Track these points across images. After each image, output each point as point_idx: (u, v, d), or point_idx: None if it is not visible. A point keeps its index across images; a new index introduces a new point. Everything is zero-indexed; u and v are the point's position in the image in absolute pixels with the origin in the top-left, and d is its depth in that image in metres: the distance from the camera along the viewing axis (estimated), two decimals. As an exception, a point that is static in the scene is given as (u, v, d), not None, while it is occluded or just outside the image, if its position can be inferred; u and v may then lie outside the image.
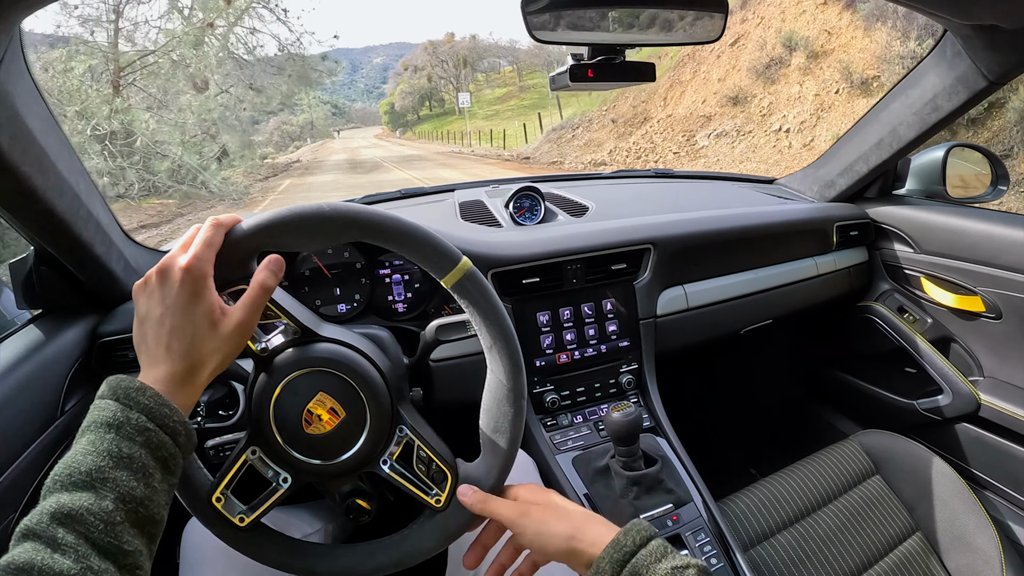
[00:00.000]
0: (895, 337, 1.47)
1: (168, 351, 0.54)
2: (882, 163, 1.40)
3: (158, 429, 0.50)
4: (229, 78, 22.50)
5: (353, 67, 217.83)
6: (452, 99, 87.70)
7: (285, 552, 0.66)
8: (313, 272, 1.11)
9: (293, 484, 0.65)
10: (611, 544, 0.55)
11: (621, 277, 1.19)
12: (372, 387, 0.65)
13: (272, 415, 0.63)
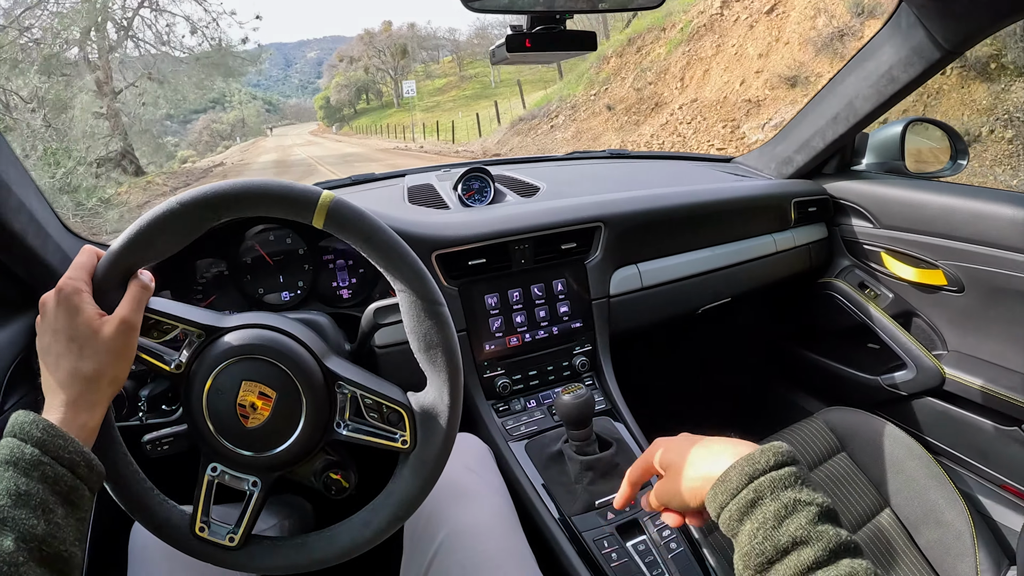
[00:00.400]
0: (857, 313, 1.46)
1: (59, 377, 0.54)
2: (839, 138, 1.40)
3: (53, 462, 0.48)
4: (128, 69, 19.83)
5: (287, 62, 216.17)
6: (390, 91, 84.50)
7: (287, 553, 0.65)
8: (255, 260, 1.08)
9: (263, 485, 0.64)
10: (746, 457, 0.54)
11: (571, 257, 1.17)
12: (290, 357, 0.63)
13: (211, 425, 0.61)
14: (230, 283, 1.08)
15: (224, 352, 0.61)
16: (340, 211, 0.61)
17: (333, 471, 0.69)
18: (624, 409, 1.15)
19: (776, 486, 0.51)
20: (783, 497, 0.50)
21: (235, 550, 0.63)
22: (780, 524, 0.49)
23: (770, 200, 1.41)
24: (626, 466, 1.03)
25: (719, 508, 0.54)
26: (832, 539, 0.48)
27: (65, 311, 0.55)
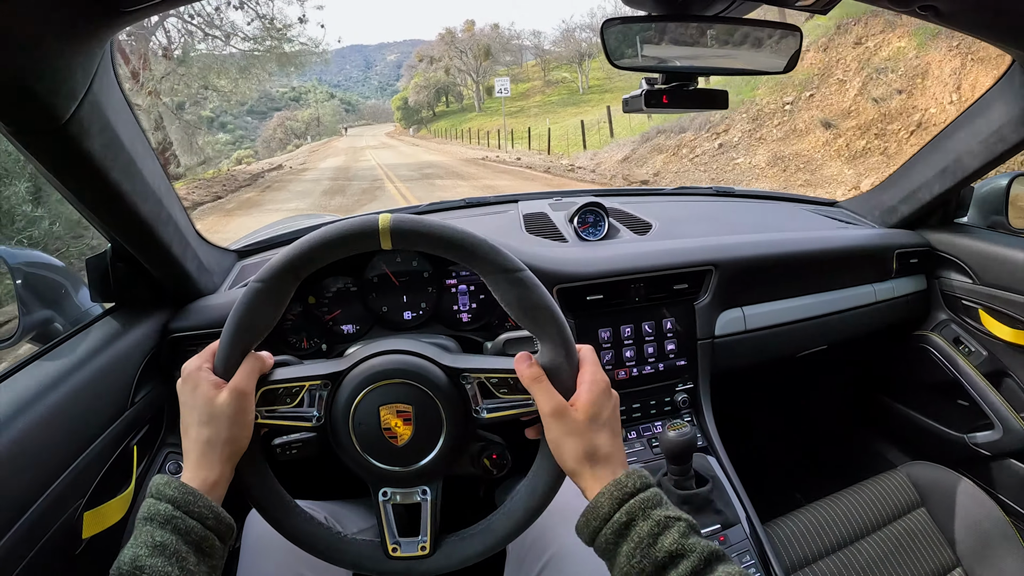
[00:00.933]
0: (949, 368, 1.52)
1: (187, 443, 0.65)
2: (945, 191, 1.46)
3: (184, 516, 0.59)
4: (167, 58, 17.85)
5: (367, 64, 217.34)
6: (471, 94, 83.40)
7: (474, 542, 0.72)
8: (381, 279, 1.19)
9: (432, 490, 0.73)
10: (613, 483, 0.60)
11: (682, 297, 1.26)
12: (411, 370, 0.70)
13: (369, 457, 0.70)
14: (356, 299, 1.20)
15: (354, 389, 0.70)
16: (401, 227, 0.66)
17: (488, 454, 0.76)
18: (720, 447, 1.24)
19: (646, 506, 0.57)
20: (654, 516, 0.57)
21: (430, 556, 0.72)
22: (655, 541, 0.56)
23: (874, 250, 1.48)
24: (720, 502, 1.13)
25: (593, 534, 0.60)
26: (705, 549, 0.55)
27: (190, 387, 0.66)
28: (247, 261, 1.39)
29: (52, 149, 0.75)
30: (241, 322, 0.67)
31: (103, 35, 0.69)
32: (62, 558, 0.83)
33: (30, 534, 0.73)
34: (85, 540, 0.87)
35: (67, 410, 0.84)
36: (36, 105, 0.66)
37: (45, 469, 0.78)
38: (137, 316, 1.09)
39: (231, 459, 0.66)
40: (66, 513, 0.81)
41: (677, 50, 0.92)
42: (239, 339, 0.68)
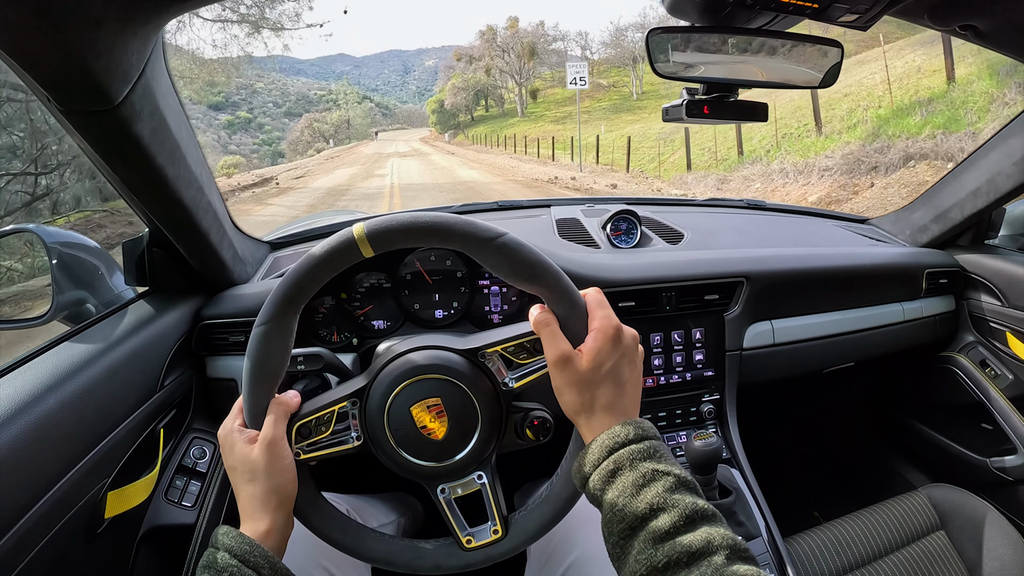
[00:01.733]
0: (974, 391, 1.52)
1: (240, 500, 0.68)
2: (977, 212, 1.46)
3: (240, 564, 0.61)
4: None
5: (405, 69, 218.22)
6: (513, 98, 75.93)
7: (541, 514, 0.73)
8: (415, 276, 1.21)
9: (487, 473, 0.74)
10: (607, 432, 0.60)
11: (712, 307, 1.27)
12: (428, 365, 0.71)
13: (416, 460, 0.71)
14: (388, 295, 1.22)
15: (381, 399, 0.71)
16: (375, 232, 0.66)
17: (528, 423, 0.75)
18: (744, 459, 1.24)
19: (635, 457, 0.57)
20: (641, 467, 0.57)
21: (504, 538, 0.73)
22: (638, 492, 0.55)
23: (904, 268, 1.48)
24: (742, 515, 1.14)
25: (583, 480, 0.61)
26: (688, 506, 0.53)
27: (227, 450, 0.69)
28: (280, 253, 1.41)
29: (103, 130, 0.76)
30: (256, 368, 0.69)
31: (159, 20, 0.70)
32: (84, 535, 0.84)
33: (55, 509, 0.74)
34: (107, 519, 0.89)
35: (97, 390, 0.85)
36: (91, 85, 0.67)
37: (73, 447, 0.79)
38: (170, 301, 1.11)
39: (281, 507, 0.68)
40: (91, 492, 0.83)
41: (719, 61, 0.94)
42: (260, 385, 0.69)
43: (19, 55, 0.62)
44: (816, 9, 0.87)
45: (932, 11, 0.91)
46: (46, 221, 6.34)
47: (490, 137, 52.48)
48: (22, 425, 0.71)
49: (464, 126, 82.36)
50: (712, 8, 0.88)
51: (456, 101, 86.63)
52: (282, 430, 0.69)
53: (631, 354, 0.66)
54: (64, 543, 0.78)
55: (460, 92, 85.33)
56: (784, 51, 0.97)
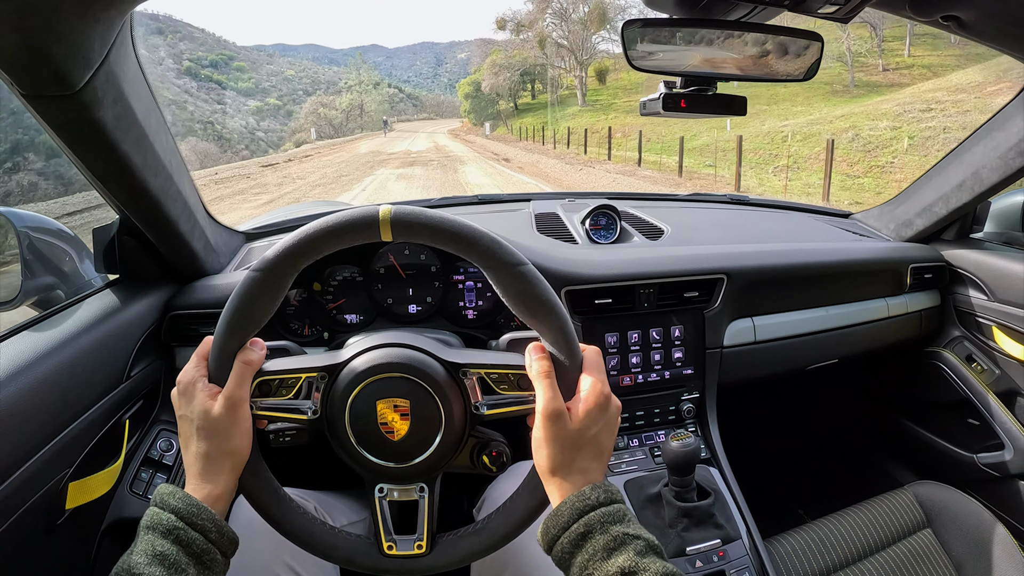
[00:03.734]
0: (961, 387, 1.52)
1: (187, 457, 0.66)
2: (962, 205, 1.47)
3: (187, 527, 0.60)
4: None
5: (437, 61, 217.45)
6: (574, 83, 51.43)
7: (471, 541, 0.72)
8: (388, 270, 1.21)
9: (430, 487, 0.73)
10: (577, 493, 0.61)
11: (692, 304, 1.27)
12: (409, 364, 0.70)
13: (365, 452, 0.70)
14: (361, 289, 1.21)
15: (350, 382, 0.70)
16: (402, 218, 0.66)
17: (486, 451, 0.76)
18: (724, 459, 1.24)
19: (606, 521, 0.58)
20: (612, 531, 0.58)
21: (425, 555, 0.72)
22: (609, 556, 0.56)
23: (888, 264, 1.48)
24: (721, 517, 1.14)
25: (551, 541, 0.61)
26: (658, 571, 0.54)
27: (185, 400, 0.67)
28: (255, 244, 1.40)
29: (64, 116, 0.76)
30: (237, 313, 0.67)
31: (122, 6, 0.70)
32: (43, 526, 0.84)
33: (12, 499, 0.74)
34: (68, 511, 0.88)
35: (61, 378, 0.85)
36: (51, 70, 0.67)
37: (33, 436, 0.79)
38: (140, 290, 1.11)
39: (233, 471, 0.66)
40: (51, 481, 0.82)
41: (697, 54, 0.94)
42: (234, 332, 0.68)
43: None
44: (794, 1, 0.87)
45: (913, 2, 0.91)
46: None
47: (539, 131, 38.41)
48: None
49: (506, 116, 59.99)
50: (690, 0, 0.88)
51: (497, 83, 60.25)
52: (247, 391, 0.67)
53: (612, 424, 0.67)
54: (23, 532, 0.77)
55: (502, 71, 59.74)
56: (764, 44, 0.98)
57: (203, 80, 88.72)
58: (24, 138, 12.34)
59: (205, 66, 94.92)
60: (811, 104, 19.63)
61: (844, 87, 22.17)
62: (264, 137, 65.17)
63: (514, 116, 56.21)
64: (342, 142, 50.49)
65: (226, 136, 60.10)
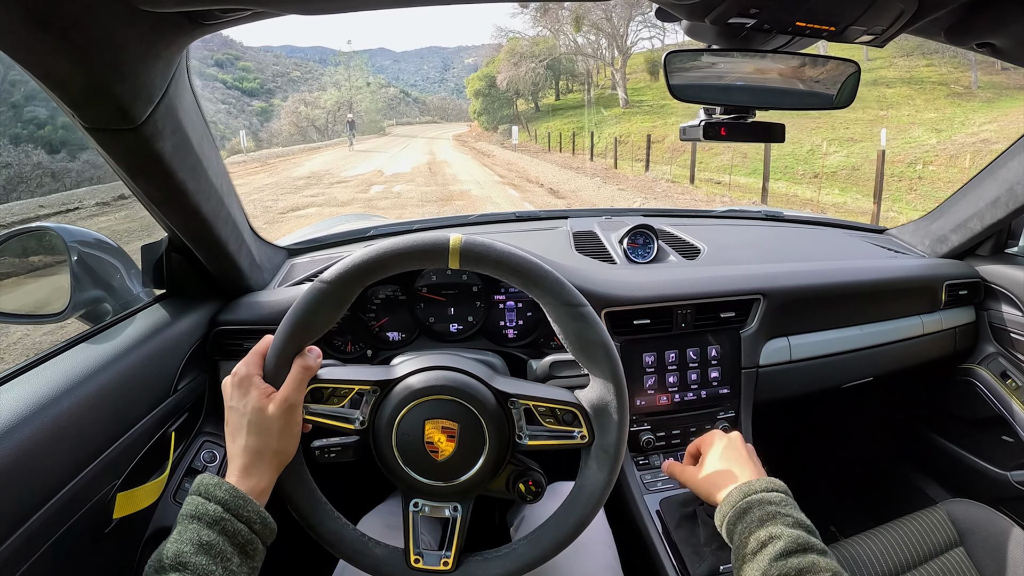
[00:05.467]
0: (995, 403, 1.53)
1: (233, 449, 0.68)
2: (998, 221, 1.47)
3: (233, 518, 0.63)
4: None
5: (444, 66, 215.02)
6: (609, 79, 39.81)
7: (497, 564, 0.75)
8: (431, 289, 1.24)
9: (463, 508, 0.76)
10: (746, 482, 0.77)
11: (728, 325, 1.29)
12: (462, 389, 0.73)
13: (406, 467, 0.73)
14: (404, 308, 1.24)
15: (402, 400, 0.73)
16: (472, 250, 0.69)
17: (524, 479, 0.78)
18: None
19: (764, 501, 0.72)
20: (767, 508, 0.71)
21: (451, 572, 0.74)
22: (762, 525, 0.70)
23: (923, 281, 1.49)
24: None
25: (722, 518, 0.76)
26: (800, 537, 0.67)
27: (239, 393, 0.69)
28: (296, 260, 1.44)
29: (126, 148, 0.79)
30: (300, 320, 0.70)
31: (182, 43, 0.73)
32: (91, 536, 0.87)
33: (64, 510, 0.77)
34: (115, 520, 0.91)
35: (112, 393, 0.88)
36: (115, 106, 0.70)
37: (85, 449, 0.81)
38: (186, 305, 1.15)
39: (278, 468, 0.70)
40: (100, 493, 0.85)
41: (736, 83, 0.96)
42: (294, 337, 0.71)
43: (46, 77, 0.65)
44: (833, 32, 0.88)
45: (949, 30, 0.92)
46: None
47: (566, 138, 28.97)
48: (37, 426, 0.73)
49: (528, 118, 45.73)
50: (729, 32, 0.90)
51: (516, 75, 44.38)
52: (302, 395, 0.70)
53: (734, 439, 0.89)
54: (71, 542, 0.80)
55: (523, 61, 44.72)
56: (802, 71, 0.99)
57: (208, 79, 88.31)
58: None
59: (210, 65, 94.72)
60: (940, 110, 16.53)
61: (965, 88, 17.99)
62: (267, 137, 62.69)
63: (536, 119, 44.04)
64: (288, 153, 36.80)
65: (228, 136, 58.87)
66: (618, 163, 20.08)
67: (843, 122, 16.62)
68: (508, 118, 47.15)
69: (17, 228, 1.08)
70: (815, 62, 0.97)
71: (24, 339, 4.16)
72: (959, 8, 0.84)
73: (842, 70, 0.98)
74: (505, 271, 0.71)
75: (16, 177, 10.58)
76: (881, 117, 16.49)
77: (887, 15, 0.84)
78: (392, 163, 25.25)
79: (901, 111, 17.02)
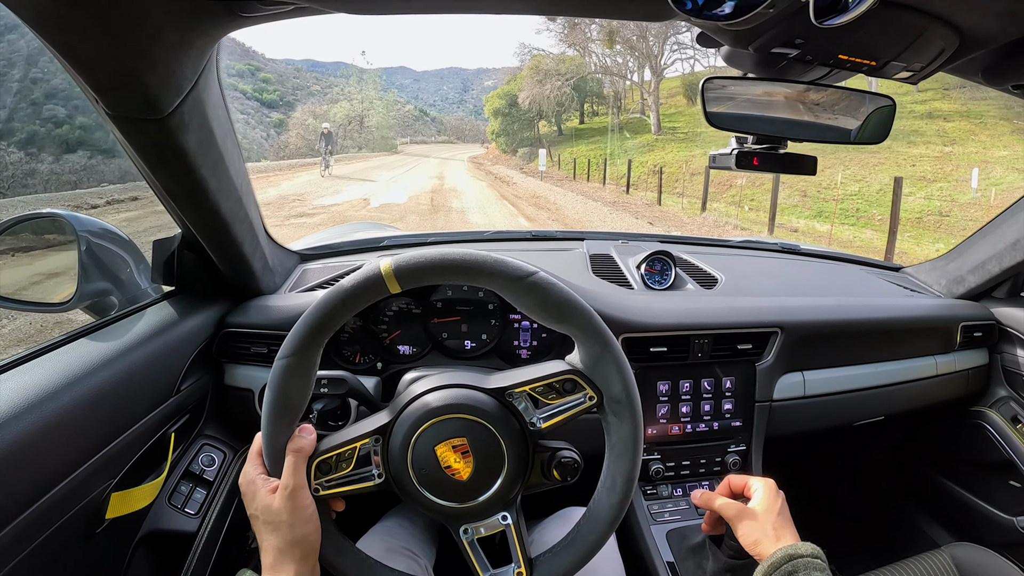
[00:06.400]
0: (1004, 448, 1.51)
1: (262, 548, 0.69)
2: (1016, 264, 1.46)
3: None
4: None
5: (464, 87, 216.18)
6: (636, 104, 36.60)
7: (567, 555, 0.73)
8: (445, 304, 1.22)
9: (512, 513, 0.73)
10: (792, 545, 0.78)
11: (744, 356, 1.27)
12: (454, 404, 0.71)
13: (441, 501, 0.71)
14: (417, 321, 1.22)
15: (404, 437, 0.70)
16: (404, 268, 0.67)
17: (555, 462, 0.74)
18: None
19: (809, 567, 0.74)
20: (813, 574, 0.73)
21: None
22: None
23: (939, 321, 1.47)
24: (756, 569, 1.12)
25: (764, 571, 0.76)
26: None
27: (249, 496, 0.70)
28: (308, 266, 1.42)
29: (150, 139, 0.78)
30: (276, 403, 0.69)
31: (217, 34, 0.72)
32: (83, 534, 0.85)
33: (57, 506, 0.75)
34: (108, 520, 0.89)
35: (114, 390, 0.86)
36: (142, 94, 0.69)
37: (83, 446, 0.80)
38: (195, 305, 1.12)
39: (305, 558, 0.68)
40: (95, 491, 0.83)
41: (771, 112, 0.94)
42: (278, 423, 0.69)
43: (72, 58, 0.63)
44: (873, 67, 0.87)
45: (986, 70, 0.91)
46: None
47: (600, 164, 25.31)
48: (34, 419, 0.72)
49: (551, 141, 40.34)
50: (768, 61, 0.89)
51: (541, 93, 39.56)
52: (303, 477, 0.69)
53: (782, 497, 0.90)
54: (62, 540, 0.78)
55: (548, 79, 39.99)
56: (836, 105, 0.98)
57: (227, 88, 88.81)
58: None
59: (231, 75, 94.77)
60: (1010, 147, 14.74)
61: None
62: (273, 150, 61.32)
63: (558, 143, 38.87)
64: (271, 169, 31.48)
65: (244, 145, 59.00)
66: (662, 198, 16.88)
67: (907, 159, 14.95)
68: (529, 140, 43.16)
69: (27, 213, 1.06)
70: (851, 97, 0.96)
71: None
72: (997, 49, 0.83)
73: (878, 106, 0.97)
74: (448, 274, 0.69)
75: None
76: (947, 154, 15.02)
77: (928, 52, 0.83)
78: (385, 189, 20.19)
79: (967, 147, 15.37)
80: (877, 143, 1.01)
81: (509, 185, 22.58)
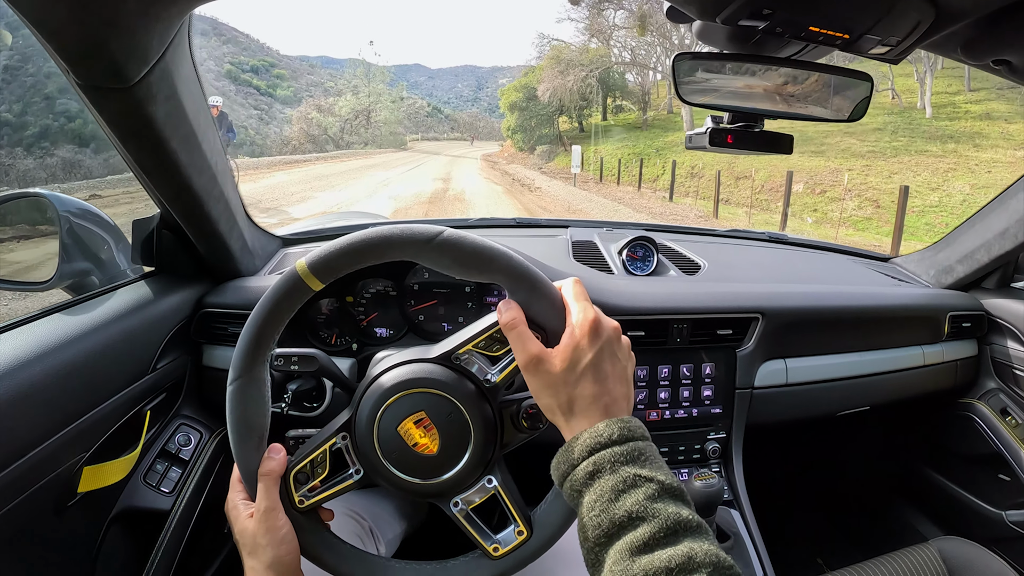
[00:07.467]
0: (993, 440, 1.48)
1: (246, 572, 0.68)
2: (1005, 253, 1.44)
3: None
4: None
5: (479, 85, 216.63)
6: (664, 100, 34.91)
7: (556, 509, 0.70)
8: (422, 287, 1.21)
9: (497, 475, 0.71)
10: (591, 430, 0.57)
11: (725, 343, 1.25)
12: (402, 383, 0.69)
13: (420, 480, 0.69)
14: (394, 304, 1.21)
15: (367, 427, 0.69)
16: (318, 264, 0.66)
17: (524, 413, 0.71)
18: (746, 502, 1.22)
19: (616, 460, 0.54)
20: (622, 472, 0.53)
21: (531, 538, 0.70)
22: (617, 498, 0.52)
23: (926, 311, 1.45)
24: (741, 561, 1.11)
25: (562, 477, 0.57)
26: (670, 517, 0.50)
27: (232, 523, 0.70)
28: (291, 250, 1.41)
29: (117, 108, 0.78)
30: (240, 427, 0.69)
31: (183, 7, 0.71)
32: (53, 507, 0.85)
33: (27, 476, 0.75)
34: (80, 494, 0.89)
35: (87, 364, 0.86)
36: (109, 63, 0.69)
37: (54, 417, 0.80)
38: (174, 284, 1.13)
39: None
40: (66, 463, 0.83)
41: (745, 90, 0.93)
42: (247, 445, 0.69)
43: (41, 25, 0.64)
44: (847, 40, 0.85)
45: (965, 45, 0.89)
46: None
47: (631, 169, 23.64)
48: (5, 388, 0.72)
49: (570, 139, 36.38)
50: (741, 36, 0.87)
51: (563, 85, 34.99)
52: (275, 498, 0.68)
53: (612, 346, 0.62)
54: (32, 511, 0.79)
55: (571, 70, 35.14)
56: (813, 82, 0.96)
57: (242, 84, 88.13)
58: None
59: (246, 71, 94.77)
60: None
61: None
62: (277, 144, 61.07)
63: (579, 140, 32.95)
64: (261, 165, 29.86)
65: (258, 142, 58.75)
66: (716, 209, 14.71)
67: (980, 164, 13.76)
68: (547, 138, 39.50)
69: (11, 192, 1.07)
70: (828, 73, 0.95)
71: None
72: (976, 22, 0.81)
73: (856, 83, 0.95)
74: (362, 257, 0.66)
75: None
76: (1021, 159, 13.78)
77: (903, 25, 0.81)
78: (373, 194, 17.32)
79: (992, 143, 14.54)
80: (852, 121, 0.99)
81: (532, 191, 19.14)
